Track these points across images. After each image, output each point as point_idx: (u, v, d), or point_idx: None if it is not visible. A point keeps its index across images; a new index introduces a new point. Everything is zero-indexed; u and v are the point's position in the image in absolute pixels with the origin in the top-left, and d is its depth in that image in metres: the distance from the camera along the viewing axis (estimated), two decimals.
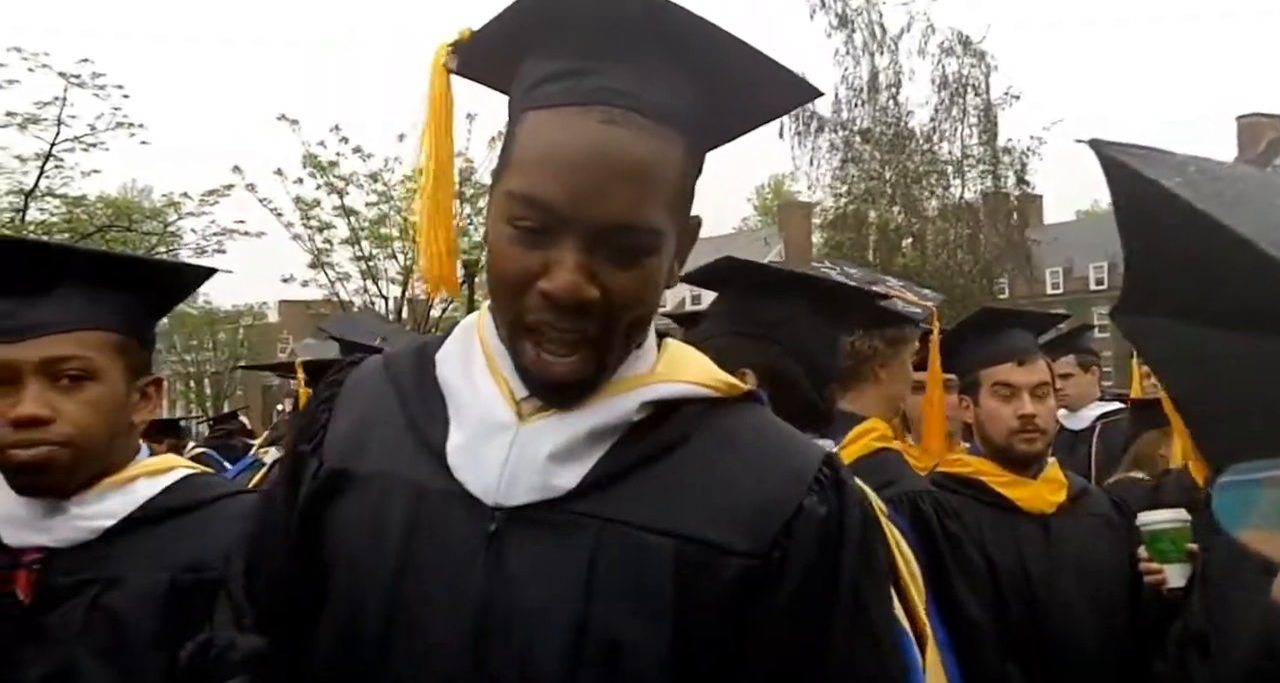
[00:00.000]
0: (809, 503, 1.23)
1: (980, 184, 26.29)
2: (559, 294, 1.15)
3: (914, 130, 25.94)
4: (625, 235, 1.16)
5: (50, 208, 19.50)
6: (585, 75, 1.16)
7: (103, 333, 1.74)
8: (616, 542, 1.18)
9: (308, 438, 1.33)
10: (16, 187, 18.59)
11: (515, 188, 1.17)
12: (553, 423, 1.22)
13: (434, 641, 1.18)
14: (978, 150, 25.96)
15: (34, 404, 1.67)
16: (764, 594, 1.19)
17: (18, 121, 17.52)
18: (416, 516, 1.22)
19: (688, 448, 1.23)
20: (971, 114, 25.79)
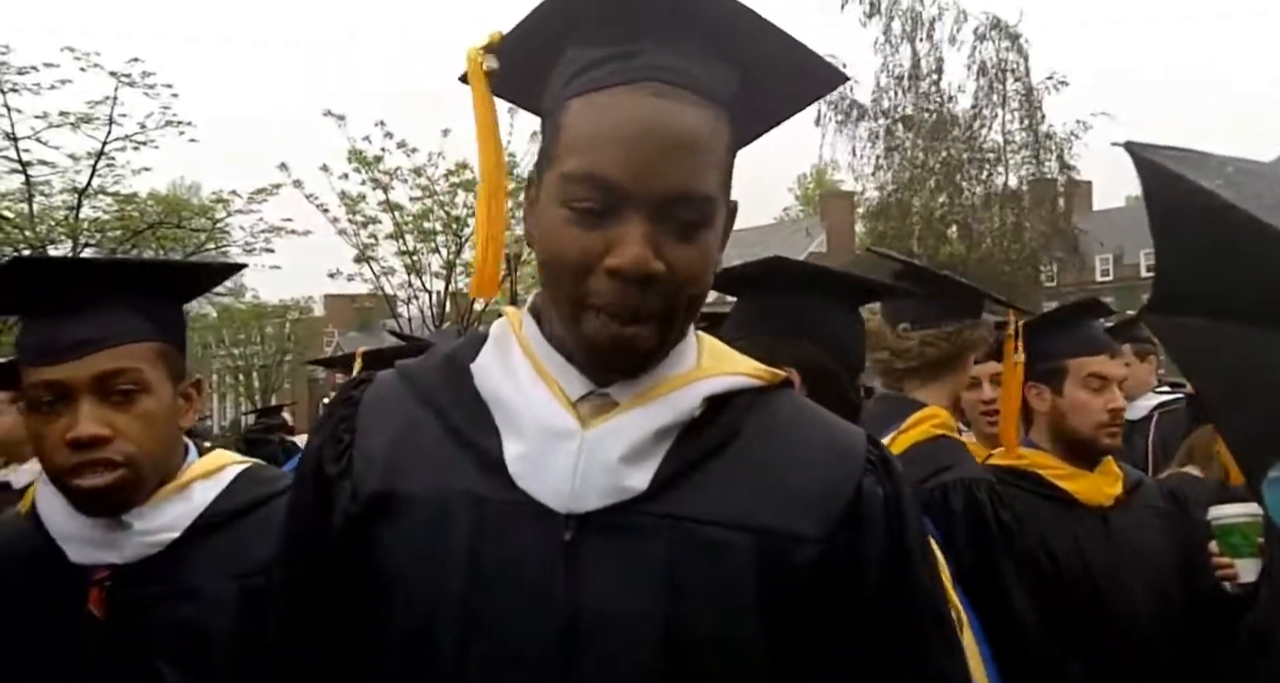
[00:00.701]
0: (867, 484, 1.26)
1: (1022, 170, 25.96)
2: (628, 268, 1.15)
3: (956, 117, 25.68)
4: (685, 207, 1.17)
5: (103, 206, 19.85)
6: (632, 56, 1.18)
7: (146, 343, 1.73)
8: (694, 541, 1.18)
9: (334, 460, 1.29)
10: (70, 185, 18.94)
11: (572, 169, 1.17)
12: (618, 425, 1.22)
13: (516, 652, 1.17)
14: (1019, 136, 25.63)
15: (92, 423, 1.65)
16: (838, 577, 1.21)
17: (70, 121, 17.84)
18: (481, 528, 1.20)
19: (743, 439, 1.25)
20: (1013, 99, 25.46)
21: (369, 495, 1.25)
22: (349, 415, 1.31)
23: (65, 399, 1.67)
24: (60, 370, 1.67)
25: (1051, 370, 2.83)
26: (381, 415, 1.30)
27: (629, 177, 1.15)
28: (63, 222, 18.96)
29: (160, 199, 21.15)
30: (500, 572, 1.19)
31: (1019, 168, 26.02)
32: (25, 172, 18.15)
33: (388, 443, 1.27)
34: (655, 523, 1.19)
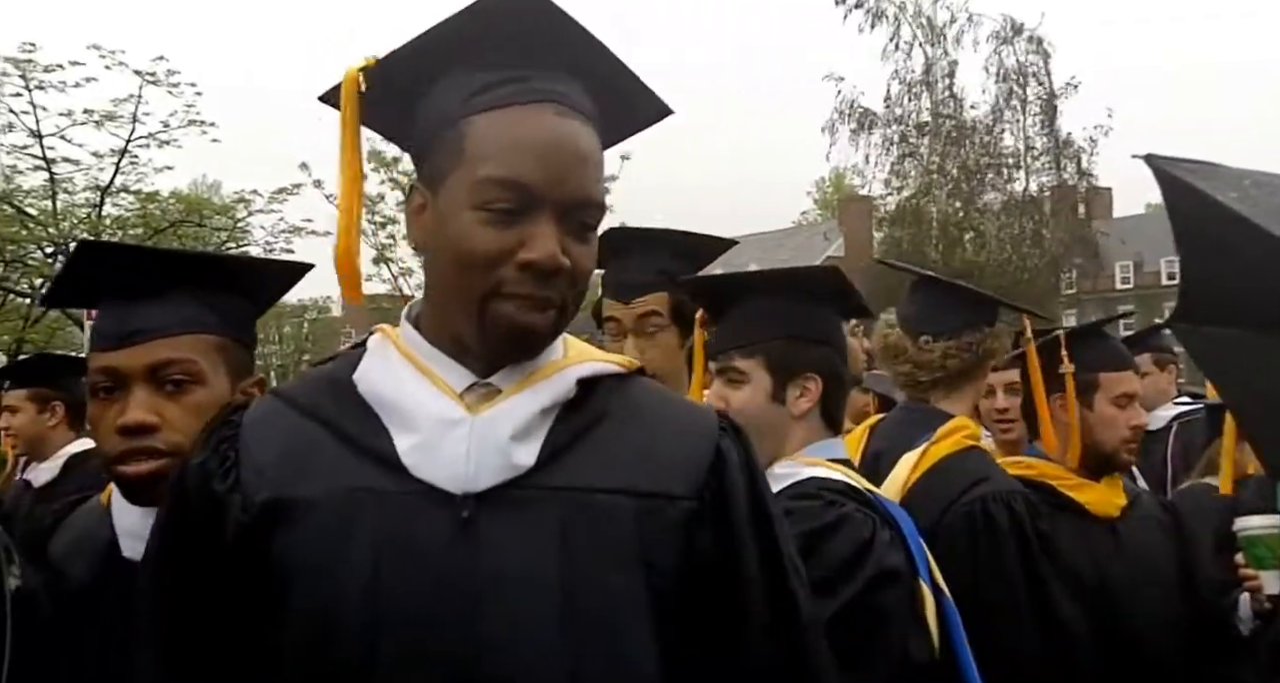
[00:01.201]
0: (724, 444, 1.43)
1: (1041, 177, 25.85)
2: (543, 262, 1.29)
3: (973, 123, 25.60)
4: (585, 211, 1.34)
5: (125, 203, 20.02)
6: (526, 80, 1.34)
7: (205, 336, 1.74)
8: (582, 506, 1.32)
9: (220, 477, 1.36)
10: (93, 182, 19.11)
11: (489, 174, 1.30)
12: (507, 408, 1.34)
13: (425, 625, 1.26)
14: (1039, 142, 25.52)
15: (141, 411, 1.67)
16: (705, 528, 1.38)
17: (95, 118, 18.00)
18: (383, 520, 1.29)
19: (612, 416, 1.40)
20: (1033, 104, 25.36)
21: (261, 504, 1.32)
22: (231, 435, 1.39)
23: (121, 386, 1.69)
24: (116, 357, 1.69)
25: (1083, 383, 2.81)
26: (265, 433, 1.38)
27: (543, 183, 1.30)
28: (85, 219, 19.11)
29: (182, 198, 21.29)
30: (404, 555, 1.28)
31: (1039, 174, 25.91)
32: (49, 169, 18.33)
33: (276, 456, 1.35)
34: (545, 494, 1.32)
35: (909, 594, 1.91)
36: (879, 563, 1.87)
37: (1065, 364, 2.72)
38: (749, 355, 2.13)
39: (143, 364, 1.69)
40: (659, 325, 2.59)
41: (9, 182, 17.60)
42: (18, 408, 4.47)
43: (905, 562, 1.92)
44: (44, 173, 18.41)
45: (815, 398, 2.09)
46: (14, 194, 17.88)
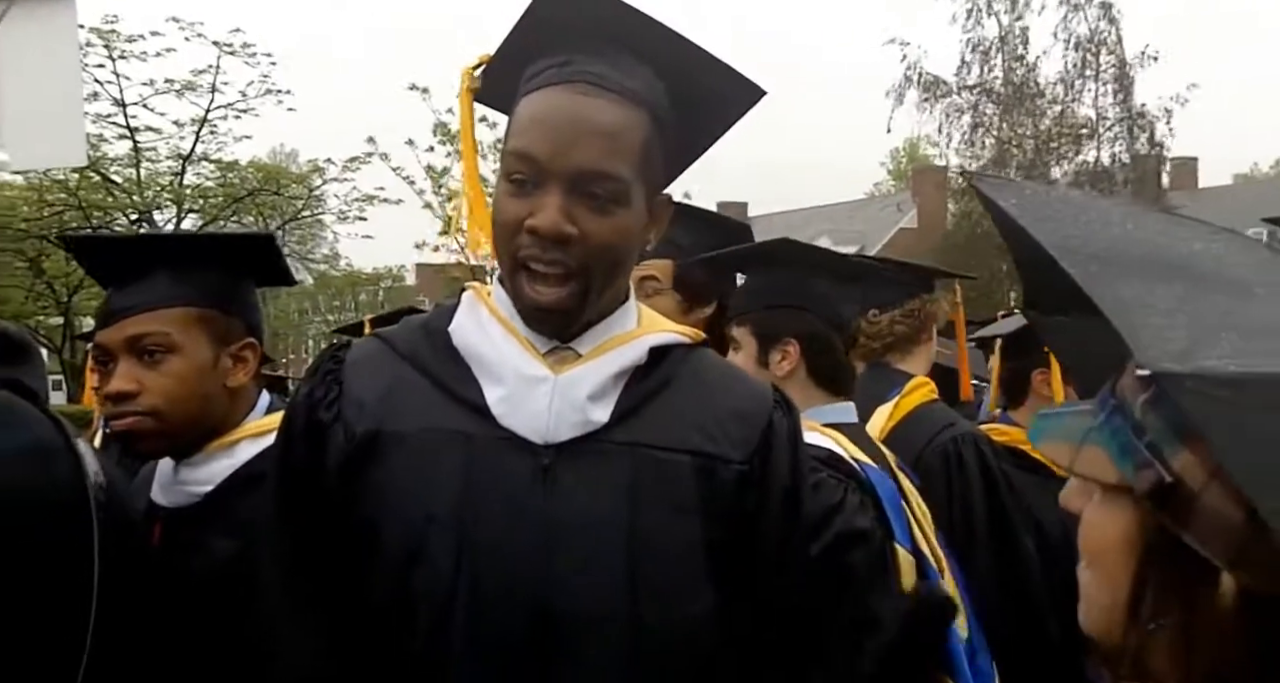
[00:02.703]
0: (776, 417, 1.55)
1: (1113, 147, 25.17)
2: (543, 228, 1.39)
3: (1043, 90, 24.96)
4: (595, 182, 1.41)
5: (206, 172, 20.57)
6: (568, 64, 1.44)
7: (181, 308, 1.88)
8: (648, 460, 1.45)
9: (325, 408, 1.49)
10: (175, 151, 19.65)
11: (511, 147, 1.43)
12: (585, 370, 1.47)
13: (504, 558, 1.39)
14: (1112, 112, 24.84)
15: (120, 380, 1.84)
16: (754, 490, 1.51)
17: (175, 88, 18.48)
18: (470, 459, 1.42)
19: (679, 382, 1.52)
20: (1105, 73, 24.67)
21: (362, 435, 1.45)
22: (335, 370, 1.52)
23: (111, 359, 1.87)
24: (102, 335, 1.89)
25: None
26: (366, 371, 1.51)
27: (548, 154, 1.40)
28: (168, 186, 19.67)
29: (260, 167, 21.76)
30: (488, 494, 1.41)
31: (1111, 144, 25.23)
32: (133, 137, 18.89)
33: (375, 393, 1.48)
34: (617, 448, 1.44)
35: (877, 555, 2.03)
36: (844, 525, 2.00)
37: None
38: (741, 324, 2.32)
39: (121, 339, 1.86)
40: (655, 289, 2.80)
41: (95, 150, 18.14)
42: None
43: (875, 525, 2.05)
44: (128, 141, 18.98)
45: (795, 361, 2.23)
46: (100, 162, 18.44)
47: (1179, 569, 0.80)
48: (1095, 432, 0.87)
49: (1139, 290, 0.81)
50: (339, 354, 1.54)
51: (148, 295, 1.87)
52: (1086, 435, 0.88)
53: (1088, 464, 0.88)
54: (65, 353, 21.90)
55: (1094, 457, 0.87)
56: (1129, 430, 0.83)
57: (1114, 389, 0.87)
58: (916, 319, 3.12)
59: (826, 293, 2.28)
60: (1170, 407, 0.78)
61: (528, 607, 1.38)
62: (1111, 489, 0.86)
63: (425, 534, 1.40)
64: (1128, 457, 0.83)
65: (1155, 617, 0.82)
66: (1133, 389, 0.83)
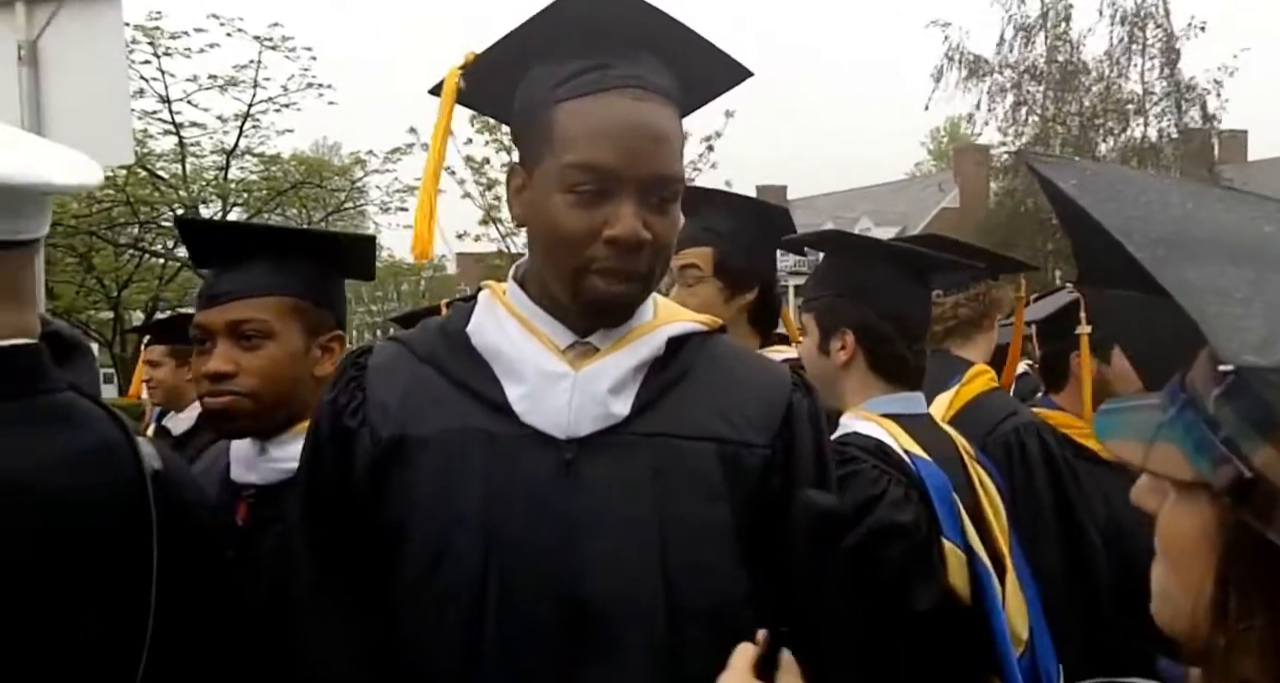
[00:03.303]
0: (795, 399, 1.57)
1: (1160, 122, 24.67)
2: (626, 238, 1.41)
3: (1088, 66, 24.52)
4: (664, 186, 1.45)
5: (250, 166, 20.79)
6: (607, 68, 1.44)
7: (279, 298, 1.96)
8: (671, 450, 1.46)
9: (350, 413, 1.52)
10: (219, 146, 19.87)
11: (574, 160, 1.42)
12: (604, 365, 1.48)
13: (531, 551, 1.41)
14: (1159, 86, 24.33)
15: (219, 361, 1.93)
16: (775, 472, 1.52)
17: (219, 84, 18.68)
18: (494, 457, 1.44)
19: (698, 371, 1.54)
20: (1153, 47, 24.17)
21: (387, 440, 1.48)
22: (358, 376, 1.55)
23: (210, 340, 1.96)
24: (205, 315, 1.97)
25: (1100, 341, 2.94)
26: (388, 375, 1.53)
27: (622, 164, 1.41)
28: (213, 181, 19.91)
29: (303, 160, 21.96)
30: (513, 490, 1.43)
31: (1159, 119, 24.75)
32: (178, 133, 19.13)
33: (398, 397, 1.50)
34: (638, 440, 1.46)
35: (917, 550, 2.01)
36: (881, 519, 1.99)
37: (1082, 325, 2.88)
38: (809, 310, 2.33)
39: (222, 322, 1.95)
40: (697, 277, 2.84)
41: (141, 146, 18.40)
42: (159, 362, 4.77)
43: (920, 519, 2.03)
44: (173, 137, 19.22)
45: (851, 351, 2.22)
46: (146, 158, 18.70)
47: (1264, 568, 0.77)
48: (1167, 428, 0.84)
49: (1210, 275, 0.78)
50: (360, 360, 1.56)
51: (251, 282, 1.96)
52: (1158, 432, 0.85)
53: (1161, 462, 0.85)
54: (115, 347, 22.29)
55: (1167, 454, 0.84)
56: (1203, 425, 0.80)
57: (1184, 382, 0.84)
58: (981, 304, 3.08)
59: (888, 285, 2.25)
60: (1247, 400, 0.76)
61: (559, 600, 1.39)
62: (1187, 487, 0.83)
63: (452, 534, 1.42)
64: (1203, 453, 0.80)
65: (1242, 618, 0.79)
66: (1205, 382, 0.81)
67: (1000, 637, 2.05)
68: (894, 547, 1.98)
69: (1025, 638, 2.12)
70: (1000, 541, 2.16)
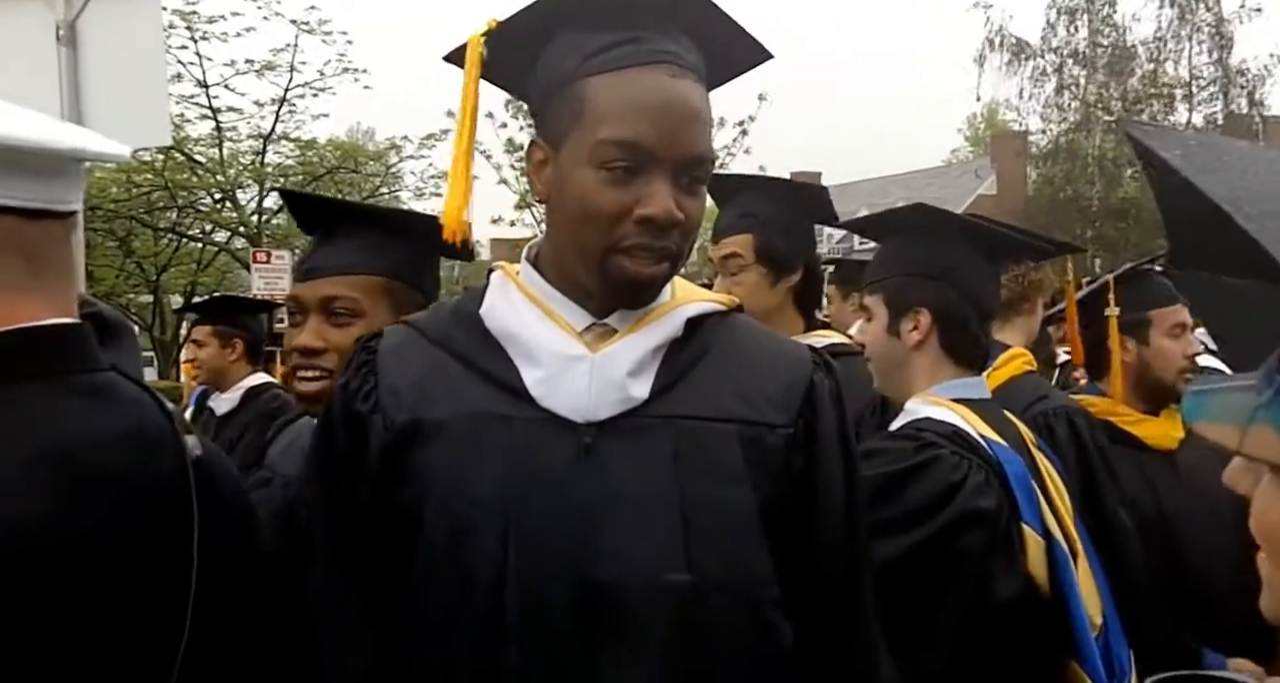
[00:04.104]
0: (817, 378, 1.53)
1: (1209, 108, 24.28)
2: (660, 217, 1.38)
3: (1135, 50, 24.15)
4: (697, 167, 1.42)
5: (285, 151, 20.93)
6: (640, 42, 1.40)
7: (371, 277, 1.98)
8: (690, 433, 1.43)
9: (363, 399, 1.49)
10: (255, 131, 20.00)
11: (608, 135, 1.38)
12: (622, 347, 1.45)
13: (551, 536, 1.38)
14: (1207, 71, 23.93)
15: (310, 336, 1.96)
16: (797, 452, 1.49)
17: (255, 68, 18.78)
18: (512, 442, 1.41)
19: (716, 351, 1.50)
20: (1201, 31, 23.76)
21: (401, 425, 1.45)
22: (369, 360, 1.52)
23: (303, 313, 1.99)
24: (299, 288, 2.01)
25: (1136, 322, 2.92)
26: (399, 359, 1.50)
27: (659, 142, 1.37)
28: (249, 166, 20.05)
29: (338, 145, 22.06)
30: (532, 475, 1.40)
31: (1204, 105, 24.36)
32: (216, 118, 19.26)
33: (411, 382, 1.48)
34: (658, 422, 1.43)
35: (999, 537, 1.97)
36: (963, 506, 1.94)
37: (1110, 307, 2.87)
38: (874, 292, 2.26)
39: (316, 297, 1.97)
40: (741, 266, 2.81)
41: (179, 131, 18.55)
42: (204, 342, 4.83)
43: (1001, 505, 1.98)
44: (210, 122, 19.36)
45: (925, 331, 2.16)
46: (184, 142, 18.84)
47: None
48: (1264, 410, 0.81)
49: None
50: (371, 344, 1.53)
51: (348, 260, 1.98)
52: (1254, 414, 0.82)
53: (1257, 445, 0.82)
54: (155, 330, 22.56)
55: (1264, 437, 0.81)
56: None
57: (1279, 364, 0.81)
58: (1021, 285, 3.04)
59: (963, 264, 2.20)
60: None
61: (579, 583, 1.37)
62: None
63: (470, 519, 1.40)
64: None
65: None
66: None
67: (1079, 622, 2.01)
68: (976, 535, 1.94)
69: (1099, 622, 2.08)
70: (1070, 526, 2.11)
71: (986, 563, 1.94)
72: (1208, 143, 0.93)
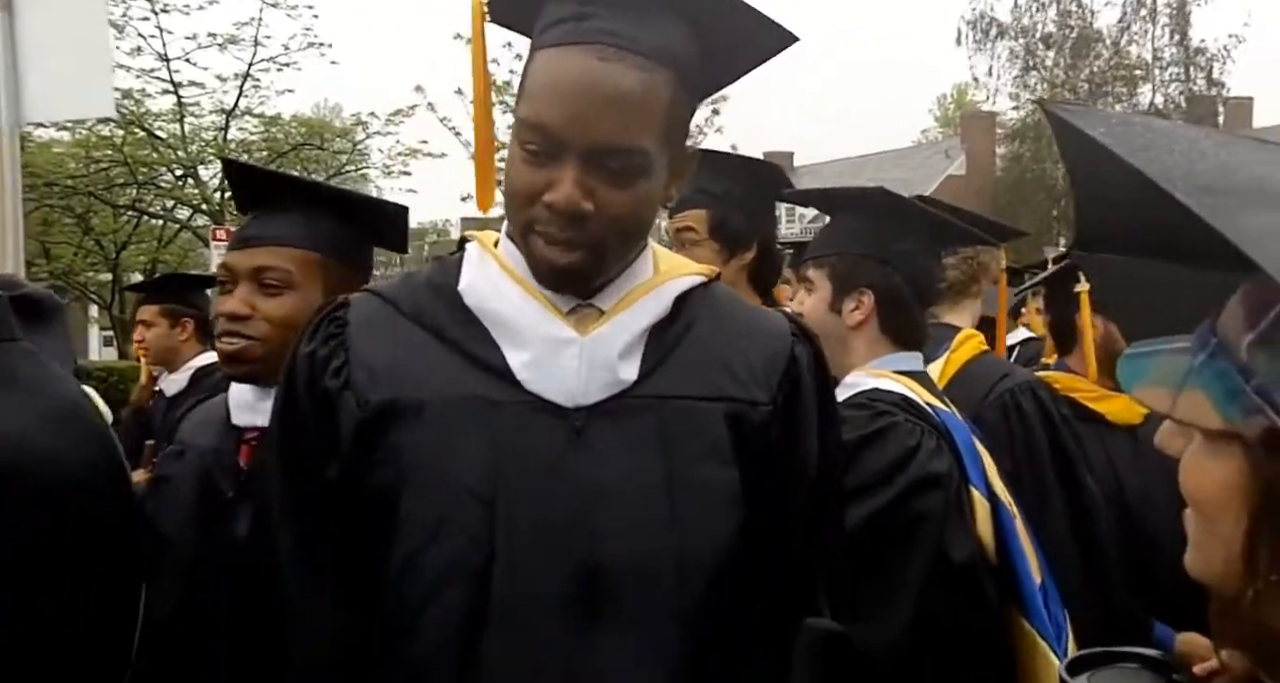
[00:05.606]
0: (798, 350, 1.52)
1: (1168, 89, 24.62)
2: (559, 204, 1.34)
3: (1100, 32, 24.45)
4: (614, 157, 1.34)
5: (250, 127, 20.60)
6: (586, 18, 1.34)
7: (306, 251, 1.98)
8: (679, 412, 1.41)
9: (332, 374, 1.43)
10: (218, 106, 19.68)
11: (524, 115, 1.35)
12: (611, 329, 1.42)
13: (542, 523, 1.35)
14: (1169, 52, 24.26)
15: (237, 302, 1.96)
16: (778, 426, 1.48)
17: (218, 42, 18.46)
18: (498, 427, 1.37)
19: (700, 326, 1.48)
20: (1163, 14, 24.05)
21: (377, 404, 1.40)
22: (339, 333, 1.46)
23: (234, 281, 1.99)
24: (233, 257, 2.01)
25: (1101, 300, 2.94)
26: (372, 334, 1.45)
27: (565, 128, 1.32)
28: (212, 142, 19.74)
29: (303, 121, 21.76)
30: (521, 461, 1.37)
31: (1166, 86, 24.68)
32: (177, 92, 18.92)
33: (386, 359, 1.42)
34: (647, 403, 1.41)
35: (953, 499, 2.01)
36: (920, 469, 1.98)
37: (1081, 283, 2.87)
38: (820, 266, 2.28)
39: (249, 265, 1.97)
40: (694, 241, 2.81)
41: (139, 105, 18.22)
42: (152, 322, 4.73)
43: (953, 469, 2.03)
44: (171, 96, 19.02)
45: (868, 312, 2.19)
46: (144, 117, 18.52)
47: None
48: (1195, 374, 0.81)
49: (1264, 220, 0.74)
50: (338, 314, 1.46)
51: (281, 232, 1.99)
52: (1186, 379, 0.81)
53: (1189, 409, 0.81)
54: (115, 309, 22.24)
55: (1195, 401, 0.81)
56: (1234, 372, 0.77)
57: (1214, 328, 0.81)
58: (970, 267, 3.08)
59: (910, 249, 2.23)
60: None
61: (571, 570, 1.34)
62: (1216, 436, 0.80)
63: (453, 506, 1.35)
64: (1234, 401, 0.77)
65: (1272, 569, 0.76)
66: (1236, 328, 0.77)
67: (1026, 580, 2.06)
68: (934, 497, 1.98)
69: (1039, 581, 2.12)
70: (1005, 490, 2.17)
71: (943, 525, 1.98)
72: (1129, 122, 0.92)
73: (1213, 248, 0.72)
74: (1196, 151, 0.85)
